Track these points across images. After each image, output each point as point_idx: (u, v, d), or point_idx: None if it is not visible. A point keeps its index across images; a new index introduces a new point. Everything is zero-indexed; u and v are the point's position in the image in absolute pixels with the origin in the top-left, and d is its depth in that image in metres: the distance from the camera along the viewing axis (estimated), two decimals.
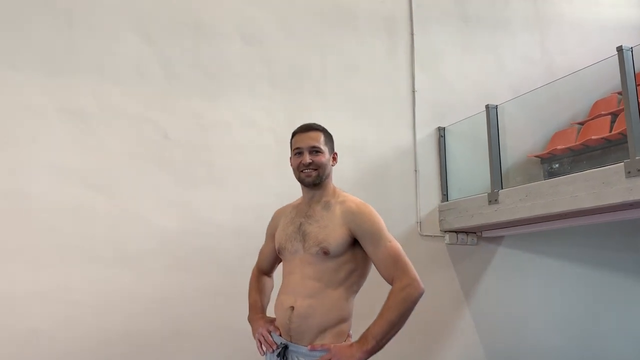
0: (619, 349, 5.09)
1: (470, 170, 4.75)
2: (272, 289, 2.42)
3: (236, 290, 3.74)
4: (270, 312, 2.27)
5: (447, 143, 4.74)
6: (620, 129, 4.10)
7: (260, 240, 3.81)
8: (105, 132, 3.60)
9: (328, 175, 2.13)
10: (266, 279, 2.42)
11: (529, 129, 5.14)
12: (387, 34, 4.73)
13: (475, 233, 4.67)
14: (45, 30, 3.53)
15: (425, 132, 4.71)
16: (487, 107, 4.30)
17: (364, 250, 2.03)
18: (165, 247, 3.62)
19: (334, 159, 2.19)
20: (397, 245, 2.01)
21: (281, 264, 2.26)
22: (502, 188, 4.08)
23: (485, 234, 4.67)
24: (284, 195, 3.98)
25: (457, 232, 4.57)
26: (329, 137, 2.18)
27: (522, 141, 4.98)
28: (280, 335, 2.05)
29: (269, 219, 3.89)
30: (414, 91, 4.71)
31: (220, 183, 3.87)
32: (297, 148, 2.11)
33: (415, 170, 4.59)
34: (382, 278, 2.00)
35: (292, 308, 2.00)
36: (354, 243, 2.02)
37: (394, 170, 4.52)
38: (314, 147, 2.09)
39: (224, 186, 3.88)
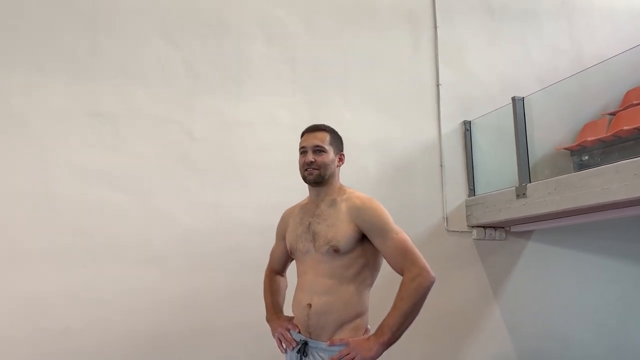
0: None
1: (498, 164, 4.66)
2: (286, 288, 2.47)
3: (260, 288, 3.76)
4: (287, 311, 2.29)
5: (473, 137, 4.66)
6: None
7: None
8: (130, 133, 3.65)
9: (332, 175, 2.16)
10: (280, 278, 2.47)
11: (558, 120, 5.02)
12: (410, 28, 4.68)
13: (503, 228, 4.59)
14: (70, 33, 3.60)
15: (451, 126, 4.64)
16: (513, 99, 4.21)
17: (373, 245, 2.06)
18: (190, 246, 3.66)
19: (340, 159, 2.22)
20: (405, 236, 2.03)
21: (294, 263, 2.30)
22: (530, 181, 3.99)
23: (514, 229, 4.59)
24: (307, 193, 4.01)
25: (484, 227, 4.50)
26: (335, 138, 2.21)
27: (550, 133, 4.88)
28: (300, 332, 2.09)
29: None
30: (438, 85, 4.65)
31: (244, 182, 3.89)
32: (302, 147, 2.17)
33: (441, 165, 4.54)
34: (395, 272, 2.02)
35: (310, 305, 2.04)
36: (363, 238, 2.05)
37: (420, 165, 4.47)
38: (317, 146, 2.12)
39: (248, 185, 3.89)
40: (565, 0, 5.45)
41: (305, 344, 2.05)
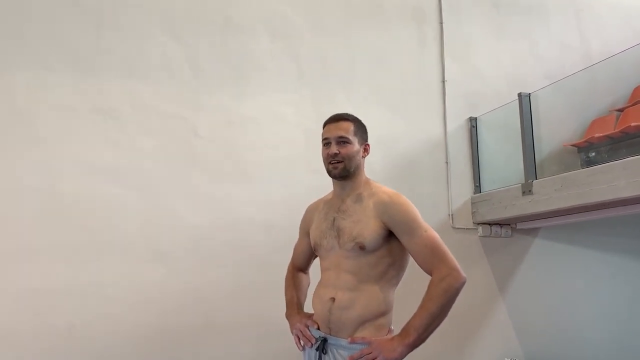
0: None
1: (504, 161, 4.63)
2: (308, 285, 2.40)
3: (267, 283, 3.77)
4: (308, 308, 2.25)
5: (479, 133, 4.63)
6: None
7: (290, 233, 3.84)
8: (136, 131, 3.65)
9: (357, 167, 2.07)
10: (302, 275, 2.40)
11: (565, 117, 4.98)
12: (416, 24, 4.65)
13: (509, 225, 4.57)
14: (76, 30, 3.60)
15: (456, 122, 4.62)
16: (519, 95, 4.19)
17: (399, 243, 1.98)
18: (197, 242, 3.66)
19: (366, 150, 2.13)
20: (434, 234, 1.95)
21: (317, 259, 2.23)
22: (536, 178, 3.97)
23: (520, 226, 4.57)
24: (313, 189, 3.98)
25: (490, 224, 4.48)
26: (360, 128, 2.11)
27: (558, 130, 4.84)
28: (319, 329, 2.03)
29: (300, 213, 3.93)
30: (444, 81, 4.62)
31: (250, 178, 3.89)
32: (326, 139, 2.08)
33: (447, 162, 4.51)
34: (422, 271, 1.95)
35: (333, 299, 1.97)
36: (390, 236, 1.97)
37: (425, 162, 4.45)
38: (341, 137, 2.03)
39: (254, 181, 3.89)
40: None
41: (325, 340, 1.98)
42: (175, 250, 3.60)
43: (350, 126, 2.07)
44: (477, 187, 4.56)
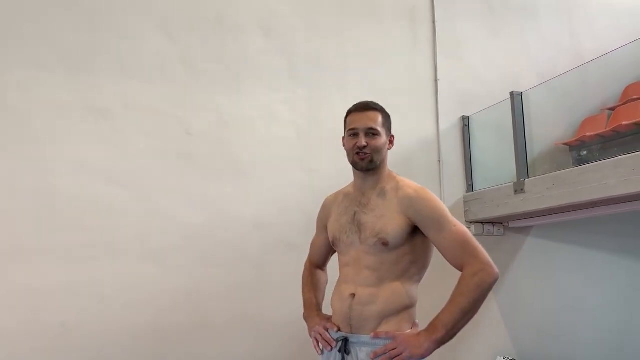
0: None
1: (496, 160, 4.66)
2: (326, 284, 2.31)
3: (261, 282, 3.80)
4: (326, 308, 2.17)
5: (471, 132, 4.66)
6: None
7: (283, 232, 3.89)
8: (129, 129, 3.64)
9: (383, 160, 1.99)
10: (320, 273, 2.31)
11: (557, 116, 5.01)
12: (409, 23, 4.67)
13: (502, 223, 4.59)
14: (68, 29, 3.59)
15: (449, 121, 4.64)
16: (511, 94, 4.21)
17: (423, 239, 1.91)
18: (190, 241, 3.66)
19: (391, 142, 2.04)
20: (464, 228, 1.88)
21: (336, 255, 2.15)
22: (528, 177, 3.99)
23: (512, 225, 4.59)
24: (307, 188, 4.03)
25: (483, 222, 4.50)
26: (387, 118, 2.03)
27: (550, 129, 4.87)
28: (339, 330, 1.93)
29: (293, 212, 3.97)
30: (436, 80, 4.64)
31: (243, 177, 3.89)
32: (353, 129, 1.97)
33: (439, 161, 4.53)
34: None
35: (353, 295, 1.89)
36: (413, 232, 1.90)
37: (418, 160, 4.46)
38: (371, 128, 1.94)
39: (248, 180, 3.90)
40: None
41: (346, 340, 1.88)
42: (168, 249, 3.59)
43: (378, 117, 1.99)
44: (470, 186, 4.58)
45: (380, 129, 1.96)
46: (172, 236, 3.62)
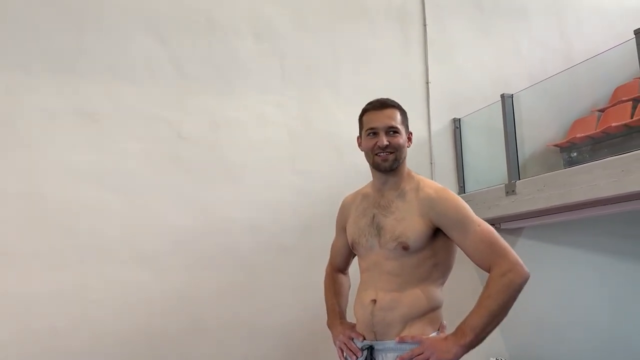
0: None
1: (488, 161, 4.67)
2: (349, 288, 2.22)
3: (253, 286, 3.78)
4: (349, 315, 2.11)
5: (463, 134, 4.67)
6: None
7: (276, 235, 3.88)
8: (119, 133, 3.62)
9: (404, 159, 1.91)
10: (342, 278, 2.21)
11: (548, 117, 5.04)
12: (400, 25, 4.67)
13: (493, 225, 4.53)
14: (57, 32, 3.56)
15: (441, 123, 4.65)
16: (502, 96, 4.23)
17: (445, 241, 1.84)
18: (181, 245, 3.64)
19: (409, 139, 1.96)
20: (489, 227, 1.79)
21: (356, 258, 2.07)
22: (519, 178, 4.01)
23: (504, 226, 4.60)
24: (299, 191, 4.03)
25: None
26: (404, 115, 1.95)
27: (540, 130, 4.90)
28: (364, 340, 1.86)
29: (285, 214, 3.96)
30: (428, 82, 4.65)
31: (235, 180, 3.88)
32: (372, 128, 1.89)
33: (431, 163, 4.54)
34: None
35: (374, 301, 1.82)
36: (434, 234, 1.82)
37: (409, 163, 4.32)
38: (392, 127, 1.86)
39: (239, 183, 3.88)
40: None
41: (371, 348, 1.81)
42: (159, 253, 3.57)
43: (397, 114, 1.91)
44: (462, 188, 4.59)
45: (400, 126, 1.89)
46: (163, 240, 3.60)
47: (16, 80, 3.41)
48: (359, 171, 4.14)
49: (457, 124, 4.69)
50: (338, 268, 2.20)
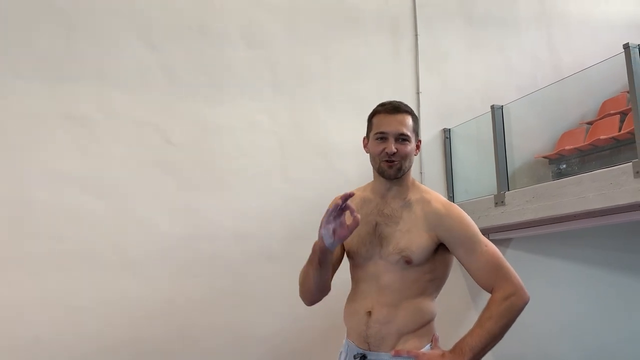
0: (630, 353, 5.00)
1: (477, 172, 4.69)
2: (329, 291, 1.96)
3: (240, 294, 3.75)
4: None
5: (452, 144, 4.69)
6: (629, 129, 4.03)
7: (264, 243, 3.86)
8: (108, 138, 3.59)
9: (409, 167, 1.83)
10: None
11: (537, 129, 5.07)
12: (391, 35, 4.69)
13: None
14: (47, 36, 3.54)
15: (431, 133, 4.66)
16: (492, 107, 4.25)
17: (444, 257, 1.81)
18: (169, 252, 3.61)
19: (418, 147, 1.86)
20: (495, 248, 1.76)
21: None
22: (508, 189, 4.02)
23: (493, 236, 4.60)
24: (288, 199, 4.01)
25: None
26: (416, 121, 1.84)
27: (530, 142, 4.92)
28: (357, 346, 1.81)
29: (275, 223, 3.94)
30: (418, 92, 4.67)
31: (224, 187, 3.85)
32: (382, 132, 1.79)
33: (421, 173, 4.55)
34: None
35: (370, 313, 1.77)
36: (436, 250, 1.78)
37: None
38: (402, 134, 1.77)
39: (228, 190, 3.86)
40: (544, 9, 5.52)
41: (364, 357, 1.77)
42: (146, 260, 3.54)
43: (409, 120, 1.80)
44: (451, 198, 4.59)
45: (410, 134, 1.79)
46: (150, 247, 3.57)
47: (5, 82, 3.38)
48: (348, 179, 4.17)
49: (447, 134, 4.71)
50: None
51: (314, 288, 1.84)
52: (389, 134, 1.77)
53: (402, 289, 1.76)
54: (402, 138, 1.77)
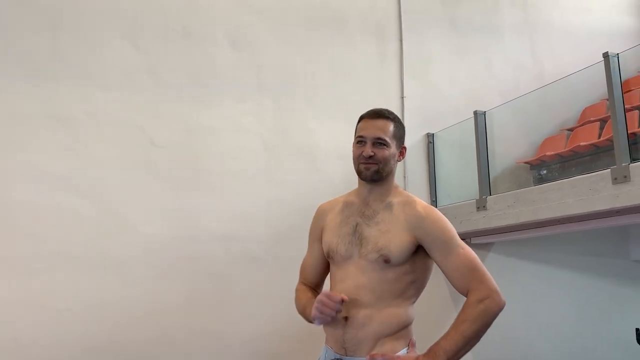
0: (609, 356, 5.08)
1: (459, 177, 4.73)
2: None
3: (223, 297, 3.74)
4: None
5: (436, 149, 4.73)
6: (608, 136, 4.10)
7: (248, 246, 3.85)
8: (91, 139, 3.57)
9: (390, 172, 1.88)
10: (314, 292, 2.06)
11: (519, 135, 5.13)
12: (376, 40, 4.72)
13: (464, 239, 4.59)
14: (31, 36, 3.50)
15: (414, 138, 4.70)
16: (475, 113, 4.29)
17: (424, 260, 1.83)
18: (152, 253, 3.59)
19: (402, 154, 1.92)
20: (471, 252, 1.80)
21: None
22: (490, 194, 4.07)
23: (475, 241, 4.65)
24: (272, 201, 4.01)
25: None
26: (399, 128, 1.90)
27: (512, 147, 4.98)
28: (334, 350, 1.82)
29: (259, 225, 3.93)
30: (402, 97, 4.70)
31: (208, 189, 3.85)
32: (361, 137, 1.86)
33: (404, 177, 4.58)
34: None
35: (346, 319, 1.78)
36: (416, 252, 1.81)
37: None
38: (379, 139, 1.83)
39: (212, 192, 3.85)
40: (527, 17, 5.59)
41: None
42: (128, 262, 3.52)
43: (389, 126, 1.86)
44: (434, 202, 4.63)
45: (389, 139, 1.84)
46: (133, 248, 3.55)
47: None
48: (333, 183, 4.19)
49: (430, 139, 4.75)
50: (311, 284, 2.07)
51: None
52: (367, 137, 1.84)
53: (380, 289, 1.78)
54: (380, 142, 1.83)
